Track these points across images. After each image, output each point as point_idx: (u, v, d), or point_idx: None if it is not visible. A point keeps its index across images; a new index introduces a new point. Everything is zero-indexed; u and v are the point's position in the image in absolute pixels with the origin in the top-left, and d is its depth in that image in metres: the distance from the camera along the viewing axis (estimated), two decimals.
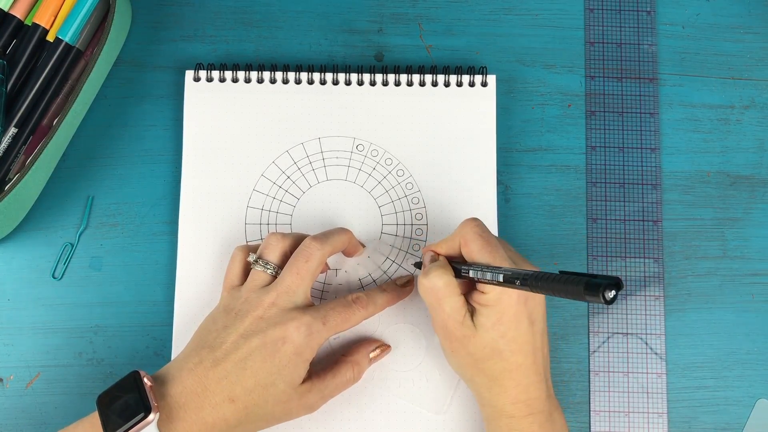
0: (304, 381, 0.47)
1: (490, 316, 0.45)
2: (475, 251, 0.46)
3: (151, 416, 0.42)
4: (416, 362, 0.53)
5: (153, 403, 0.42)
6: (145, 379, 0.44)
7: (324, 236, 0.49)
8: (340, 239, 0.50)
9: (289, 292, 0.47)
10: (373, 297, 0.50)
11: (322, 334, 0.46)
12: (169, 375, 0.45)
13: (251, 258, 0.49)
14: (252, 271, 0.49)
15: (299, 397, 0.46)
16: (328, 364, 0.50)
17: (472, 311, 0.46)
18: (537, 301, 0.46)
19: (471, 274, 0.45)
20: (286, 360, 0.45)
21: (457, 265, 0.47)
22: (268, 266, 0.48)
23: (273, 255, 0.49)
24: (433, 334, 0.53)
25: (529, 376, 0.46)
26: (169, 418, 0.43)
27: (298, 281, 0.47)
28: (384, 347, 0.52)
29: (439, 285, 0.46)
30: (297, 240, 0.49)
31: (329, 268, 0.54)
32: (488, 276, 0.44)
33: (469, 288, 0.47)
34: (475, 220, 0.48)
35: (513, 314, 0.45)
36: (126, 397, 0.43)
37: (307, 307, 0.47)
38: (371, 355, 0.51)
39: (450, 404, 0.52)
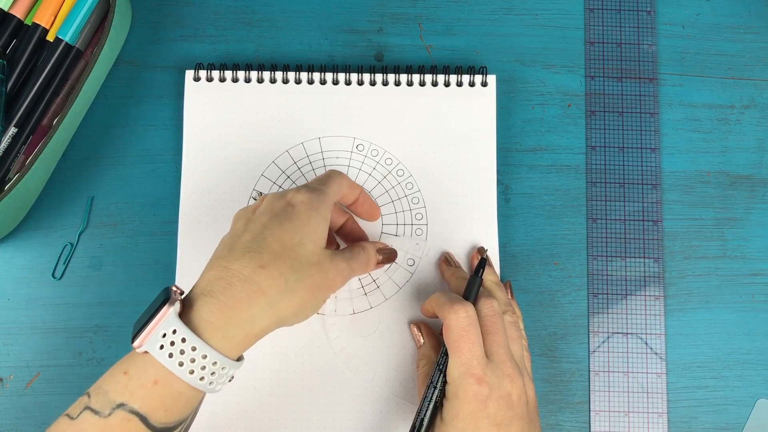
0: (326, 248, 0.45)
1: (449, 409, 0.44)
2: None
3: (167, 307, 0.39)
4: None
5: (173, 296, 0.40)
6: (173, 287, 0.41)
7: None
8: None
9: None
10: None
11: (325, 192, 0.45)
12: (194, 284, 0.42)
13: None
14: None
15: (330, 259, 0.44)
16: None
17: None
18: (501, 404, 0.43)
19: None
20: (305, 217, 0.43)
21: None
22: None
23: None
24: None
25: None
26: (191, 308, 0.40)
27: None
28: (390, 248, 0.51)
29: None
30: None
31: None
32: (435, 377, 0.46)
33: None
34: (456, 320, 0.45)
35: (469, 412, 0.43)
36: (149, 307, 0.41)
37: None
38: (378, 255, 0.50)
39: None
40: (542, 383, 0.54)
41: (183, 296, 0.41)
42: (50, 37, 0.54)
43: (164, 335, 0.39)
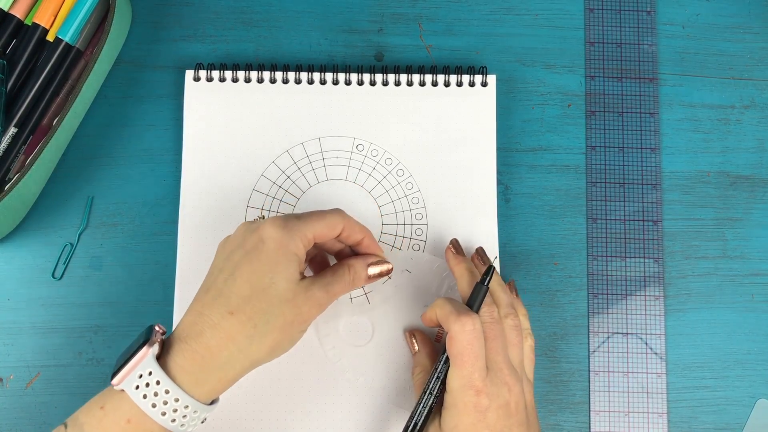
0: (303, 278, 0.45)
1: (448, 420, 0.44)
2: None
3: (146, 348, 0.41)
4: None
5: (153, 338, 0.41)
6: (156, 327, 0.43)
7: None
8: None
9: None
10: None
11: (299, 227, 0.44)
12: (177, 325, 0.44)
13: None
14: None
15: (304, 292, 0.44)
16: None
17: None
18: (500, 414, 0.44)
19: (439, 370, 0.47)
20: (273, 256, 0.43)
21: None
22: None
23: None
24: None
25: None
26: (168, 353, 0.42)
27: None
28: (384, 263, 0.49)
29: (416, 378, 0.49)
30: None
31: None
32: (431, 384, 0.46)
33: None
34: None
35: (470, 423, 0.43)
36: (132, 344, 0.43)
37: None
38: (370, 271, 0.49)
39: None
40: (542, 383, 0.54)
41: (165, 336, 0.43)
42: (50, 37, 0.54)
43: (141, 376, 0.41)
